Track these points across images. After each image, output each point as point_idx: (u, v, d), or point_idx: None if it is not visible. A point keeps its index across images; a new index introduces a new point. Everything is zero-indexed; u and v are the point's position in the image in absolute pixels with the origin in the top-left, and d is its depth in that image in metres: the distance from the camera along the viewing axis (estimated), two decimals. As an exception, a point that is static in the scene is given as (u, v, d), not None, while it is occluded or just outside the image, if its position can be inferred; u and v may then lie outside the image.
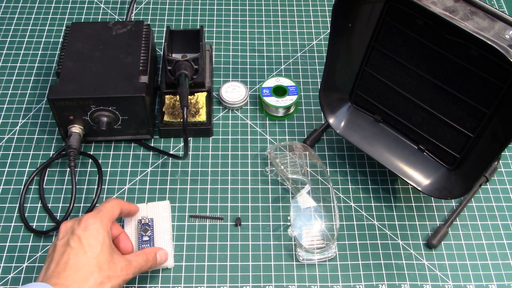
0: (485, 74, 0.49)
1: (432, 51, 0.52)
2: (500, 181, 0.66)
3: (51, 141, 0.68)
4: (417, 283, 0.58)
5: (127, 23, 0.69)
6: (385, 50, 0.57)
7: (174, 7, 0.83)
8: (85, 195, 0.63)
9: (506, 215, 0.63)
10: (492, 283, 0.58)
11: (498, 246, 0.61)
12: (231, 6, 0.84)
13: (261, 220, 0.62)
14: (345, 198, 0.64)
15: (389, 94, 0.60)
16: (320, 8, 0.85)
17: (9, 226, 0.61)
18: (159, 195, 0.64)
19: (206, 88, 0.69)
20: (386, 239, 0.61)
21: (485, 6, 0.47)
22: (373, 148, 0.63)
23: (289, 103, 0.70)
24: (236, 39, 0.80)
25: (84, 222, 0.49)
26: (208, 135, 0.69)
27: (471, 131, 0.54)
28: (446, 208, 0.64)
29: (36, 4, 0.83)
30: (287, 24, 0.82)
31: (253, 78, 0.75)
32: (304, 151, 0.66)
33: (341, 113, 0.65)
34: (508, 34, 0.45)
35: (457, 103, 0.54)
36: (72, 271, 0.46)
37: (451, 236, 0.61)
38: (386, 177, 0.66)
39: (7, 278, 0.57)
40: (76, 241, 0.48)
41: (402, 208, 0.64)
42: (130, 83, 0.62)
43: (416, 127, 0.60)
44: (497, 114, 0.51)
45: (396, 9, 0.53)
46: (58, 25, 0.81)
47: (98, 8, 0.83)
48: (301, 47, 0.79)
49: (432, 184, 0.60)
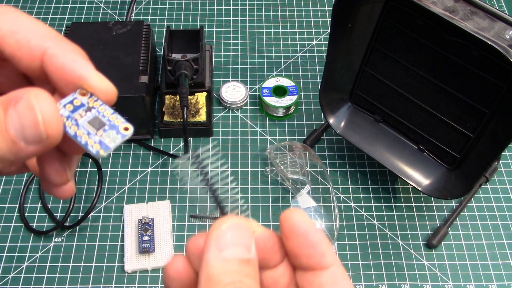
0: (485, 74, 0.49)
1: (432, 51, 0.52)
2: (500, 181, 0.66)
3: (51, 141, 0.68)
4: (417, 283, 0.58)
5: (127, 23, 0.69)
6: (385, 50, 0.57)
7: (174, 7, 0.83)
8: (85, 195, 0.63)
9: (506, 215, 0.63)
10: (492, 283, 0.58)
11: (498, 246, 0.61)
12: (231, 6, 0.84)
13: (261, 220, 0.62)
14: (345, 198, 0.64)
15: (389, 94, 0.60)
16: (320, 8, 0.85)
17: (9, 226, 0.61)
18: (159, 195, 0.64)
19: (206, 88, 0.69)
20: (386, 239, 0.61)
21: (485, 6, 0.47)
22: (373, 148, 0.63)
23: (289, 103, 0.70)
24: (236, 39, 0.80)
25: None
26: (208, 135, 0.69)
27: (471, 131, 0.54)
28: (446, 208, 0.64)
29: (36, 4, 0.83)
30: (287, 24, 0.82)
31: (253, 78, 0.75)
32: (304, 151, 0.66)
33: (341, 113, 0.65)
34: (508, 34, 0.45)
35: (457, 103, 0.54)
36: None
37: (451, 236, 0.61)
38: (386, 177, 0.66)
39: (7, 278, 0.57)
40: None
41: (402, 208, 0.64)
42: (130, 83, 0.62)
43: (416, 127, 0.60)
44: (497, 114, 0.51)
45: (396, 9, 0.53)
46: (58, 25, 0.81)
47: (98, 8, 0.83)
48: (301, 47, 0.79)
49: (432, 184, 0.60)
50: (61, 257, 0.59)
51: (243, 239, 0.25)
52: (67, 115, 0.25)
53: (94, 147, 0.25)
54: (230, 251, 0.24)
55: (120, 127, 0.26)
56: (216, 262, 0.24)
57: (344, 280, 0.26)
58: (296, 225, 0.26)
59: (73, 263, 0.58)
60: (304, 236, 0.25)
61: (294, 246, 0.26)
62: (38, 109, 0.23)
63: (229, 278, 0.23)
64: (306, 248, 0.25)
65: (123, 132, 0.26)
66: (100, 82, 0.26)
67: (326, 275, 0.25)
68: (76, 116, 0.25)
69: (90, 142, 0.25)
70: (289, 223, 0.26)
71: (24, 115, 0.23)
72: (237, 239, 0.25)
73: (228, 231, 0.25)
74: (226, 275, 0.23)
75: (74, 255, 0.59)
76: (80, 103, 0.26)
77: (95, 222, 0.61)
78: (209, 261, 0.24)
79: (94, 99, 0.26)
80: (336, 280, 0.25)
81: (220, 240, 0.24)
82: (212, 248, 0.24)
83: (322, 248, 0.26)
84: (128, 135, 0.26)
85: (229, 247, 0.24)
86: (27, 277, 0.57)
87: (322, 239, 0.26)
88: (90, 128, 0.26)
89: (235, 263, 0.24)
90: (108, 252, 0.59)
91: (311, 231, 0.26)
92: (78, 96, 0.26)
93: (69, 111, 0.25)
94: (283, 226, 0.26)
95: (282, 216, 0.26)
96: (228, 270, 0.24)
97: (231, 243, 0.24)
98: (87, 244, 0.60)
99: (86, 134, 0.25)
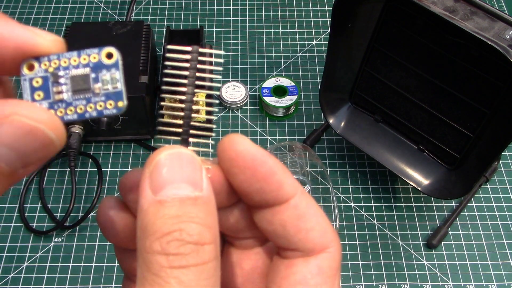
0: (485, 74, 0.49)
1: (432, 51, 0.52)
2: (500, 181, 0.66)
3: (51, 141, 0.68)
4: (417, 283, 0.58)
5: (127, 23, 0.69)
6: (385, 50, 0.57)
7: (174, 7, 0.83)
8: (85, 195, 0.63)
9: (506, 215, 0.63)
10: (492, 283, 0.58)
11: (498, 246, 0.61)
12: (231, 6, 0.84)
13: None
14: (345, 198, 0.64)
15: (389, 94, 0.60)
16: (320, 8, 0.85)
17: (9, 226, 0.61)
18: (159, 195, 0.63)
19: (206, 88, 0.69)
20: (386, 239, 0.61)
21: (485, 6, 0.47)
22: (373, 148, 0.62)
23: (289, 103, 0.70)
24: (236, 39, 0.80)
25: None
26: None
27: (471, 131, 0.54)
28: (446, 208, 0.64)
29: (36, 4, 0.83)
30: (287, 24, 0.82)
31: (253, 78, 0.75)
32: (304, 151, 0.66)
33: (341, 113, 0.65)
34: (508, 34, 0.45)
35: (457, 103, 0.54)
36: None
37: (451, 236, 0.61)
38: (386, 177, 0.66)
39: (7, 278, 0.57)
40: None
41: (402, 208, 0.64)
42: (130, 83, 0.62)
43: (416, 127, 0.60)
44: (497, 114, 0.51)
45: (396, 9, 0.53)
46: (58, 25, 0.81)
47: (98, 8, 0.83)
48: (301, 47, 0.79)
49: (432, 184, 0.60)
50: (61, 257, 0.59)
51: (185, 173, 0.19)
52: (47, 105, 0.19)
53: (109, 107, 0.19)
54: (167, 190, 0.18)
55: (104, 61, 0.19)
56: (150, 207, 0.18)
57: (310, 209, 0.21)
58: (238, 156, 0.20)
59: (73, 263, 0.58)
60: (251, 169, 0.20)
61: (241, 182, 0.20)
62: (31, 123, 0.17)
63: (165, 227, 0.18)
64: (256, 182, 0.20)
65: (110, 62, 0.19)
66: (42, 34, 0.19)
67: (287, 210, 0.21)
68: (56, 97, 0.19)
69: (100, 107, 0.19)
70: (229, 154, 0.20)
71: (17, 141, 0.17)
72: (177, 174, 0.19)
73: (163, 165, 0.19)
74: (162, 223, 0.18)
75: (74, 255, 0.59)
76: (42, 80, 0.19)
77: (95, 222, 0.61)
78: (142, 206, 0.18)
79: (46, 62, 0.19)
80: (302, 214, 0.21)
81: (154, 177, 0.19)
82: (145, 189, 0.19)
83: (277, 179, 0.20)
84: (118, 59, 0.19)
85: (166, 185, 0.18)
86: (27, 277, 0.57)
87: (274, 167, 0.20)
88: (82, 94, 0.19)
89: (174, 206, 0.18)
90: (108, 252, 0.59)
91: (259, 159, 0.20)
92: (28, 74, 0.19)
93: (43, 98, 0.19)
94: (223, 159, 0.21)
95: (219, 147, 0.21)
96: (164, 216, 0.18)
97: (169, 180, 0.19)
98: (87, 244, 0.60)
99: (86, 102, 0.19)
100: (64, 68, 0.19)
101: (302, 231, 0.21)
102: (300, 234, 0.21)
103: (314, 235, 0.21)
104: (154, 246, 0.17)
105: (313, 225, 0.21)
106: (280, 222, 0.21)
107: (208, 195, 0.19)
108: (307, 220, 0.21)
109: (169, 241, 0.17)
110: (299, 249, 0.21)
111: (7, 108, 0.16)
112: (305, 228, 0.21)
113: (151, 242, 0.18)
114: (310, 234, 0.21)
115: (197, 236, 0.18)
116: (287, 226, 0.21)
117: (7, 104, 0.17)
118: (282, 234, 0.21)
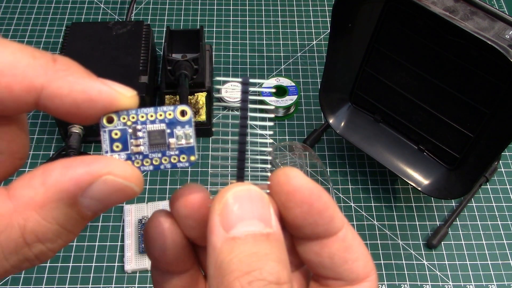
0: (485, 74, 0.49)
1: (432, 51, 0.52)
2: (500, 181, 0.66)
3: (51, 141, 0.68)
4: (417, 283, 0.58)
5: (127, 23, 0.69)
6: (385, 50, 0.57)
7: (174, 7, 0.83)
8: (85, 195, 0.63)
9: (506, 215, 0.63)
10: (492, 283, 0.58)
11: (498, 246, 0.61)
12: (231, 6, 0.84)
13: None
14: (345, 198, 0.64)
15: (389, 94, 0.60)
16: (320, 8, 0.85)
17: (9, 226, 0.61)
18: (159, 195, 0.64)
19: (206, 88, 0.69)
20: (386, 239, 0.61)
21: (485, 6, 0.47)
22: (373, 148, 0.62)
23: (289, 103, 0.70)
24: (236, 39, 0.80)
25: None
26: (208, 135, 0.69)
27: (471, 131, 0.54)
28: (446, 208, 0.64)
29: (36, 4, 0.83)
30: (287, 24, 0.82)
31: (253, 78, 0.75)
32: (304, 151, 0.66)
33: (341, 113, 0.65)
34: (508, 34, 0.45)
35: (457, 103, 0.54)
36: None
37: (451, 236, 0.61)
38: (386, 177, 0.66)
39: (7, 278, 0.57)
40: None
41: (402, 208, 0.64)
42: (130, 83, 0.62)
43: (416, 127, 0.60)
44: (497, 114, 0.51)
45: (396, 9, 0.53)
46: (58, 25, 0.81)
47: (98, 8, 0.83)
48: (301, 47, 0.79)
49: (432, 184, 0.60)
50: (61, 257, 0.59)
51: (255, 210, 0.19)
52: (125, 156, 0.20)
53: (182, 161, 0.21)
54: (239, 227, 0.18)
55: (179, 118, 0.21)
56: (224, 245, 0.18)
57: (355, 240, 0.21)
58: (296, 190, 0.20)
59: (73, 263, 0.58)
60: (308, 204, 0.20)
61: (296, 216, 0.20)
62: (123, 183, 0.18)
63: (244, 266, 0.17)
64: (311, 216, 0.20)
65: (184, 119, 0.21)
66: (123, 91, 0.20)
67: (336, 242, 0.21)
68: (134, 149, 0.20)
69: (174, 160, 0.21)
70: (286, 188, 0.20)
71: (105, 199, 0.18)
72: (248, 211, 0.19)
73: (234, 203, 0.19)
74: (239, 261, 0.17)
75: (74, 255, 0.59)
76: (120, 132, 0.20)
77: (95, 222, 0.61)
78: (215, 244, 0.18)
79: (124, 116, 0.20)
80: (349, 245, 0.21)
81: (225, 214, 0.19)
82: (217, 226, 0.18)
83: (330, 213, 0.20)
84: (191, 116, 0.21)
85: (237, 222, 0.18)
86: (27, 277, 0.57)
87: (328, 201, 0.20)
88: (157, 147, 0.21)
89: (248, 243, 0.18)
90: (108, 252, 0.59)
91: (315, 193, 0.20)
92: (108, 126, 0.20)
93: (122, 149, 0.20)
94: (278, 193, 0.20)
95: (273, 180, 0.21)
96: (240, 253, 0.18)
97: (240, 217, 0.19)
98: (87, 244, 0.60)
99: (161, 155, 0.21)
100: (142, 123, 0.20)
101: (349, 262, 0.21)
102: (347, 265, 0.21)
103: (358, 265, 0.21)
104: (234, 285, 0.17)
105: (358, 255, 0.21)
106: (329, 254, 0.21)
107: (278, 232, 0.19)
108: (353, 251, 0.21)
109: (250, 281, 0.17)
110: (343, 279, 0.21)
111: (102, 167, 0.18)
112: (351, 259, 0.21)
113: (229, 282, 0.17)
114: (355, 265, 0.21)
115: (276, 275, 0.17)
116: (335, 258, 0.21)
117: (102, 161, 0.18)
118: (329, 265, 0.21)
